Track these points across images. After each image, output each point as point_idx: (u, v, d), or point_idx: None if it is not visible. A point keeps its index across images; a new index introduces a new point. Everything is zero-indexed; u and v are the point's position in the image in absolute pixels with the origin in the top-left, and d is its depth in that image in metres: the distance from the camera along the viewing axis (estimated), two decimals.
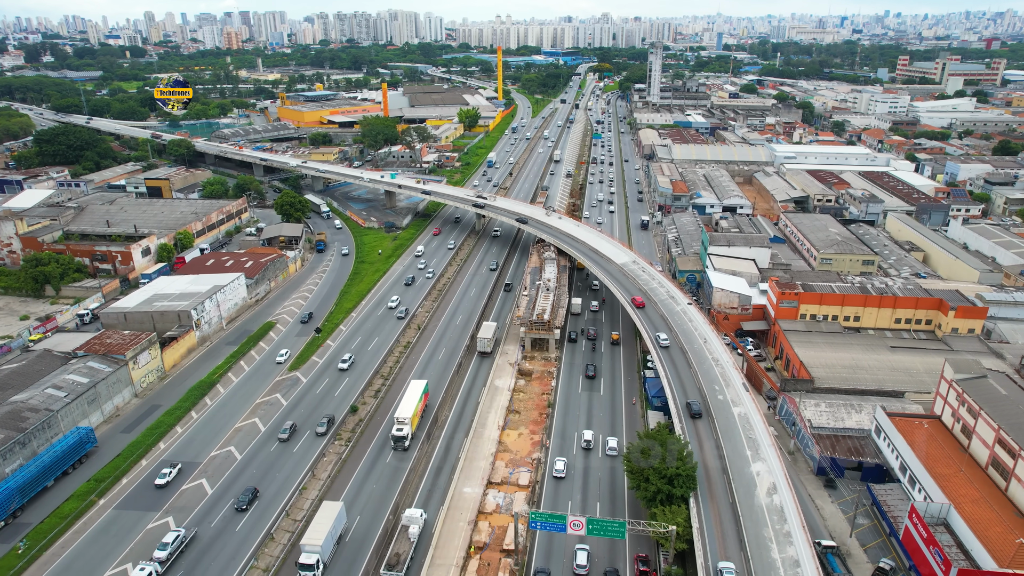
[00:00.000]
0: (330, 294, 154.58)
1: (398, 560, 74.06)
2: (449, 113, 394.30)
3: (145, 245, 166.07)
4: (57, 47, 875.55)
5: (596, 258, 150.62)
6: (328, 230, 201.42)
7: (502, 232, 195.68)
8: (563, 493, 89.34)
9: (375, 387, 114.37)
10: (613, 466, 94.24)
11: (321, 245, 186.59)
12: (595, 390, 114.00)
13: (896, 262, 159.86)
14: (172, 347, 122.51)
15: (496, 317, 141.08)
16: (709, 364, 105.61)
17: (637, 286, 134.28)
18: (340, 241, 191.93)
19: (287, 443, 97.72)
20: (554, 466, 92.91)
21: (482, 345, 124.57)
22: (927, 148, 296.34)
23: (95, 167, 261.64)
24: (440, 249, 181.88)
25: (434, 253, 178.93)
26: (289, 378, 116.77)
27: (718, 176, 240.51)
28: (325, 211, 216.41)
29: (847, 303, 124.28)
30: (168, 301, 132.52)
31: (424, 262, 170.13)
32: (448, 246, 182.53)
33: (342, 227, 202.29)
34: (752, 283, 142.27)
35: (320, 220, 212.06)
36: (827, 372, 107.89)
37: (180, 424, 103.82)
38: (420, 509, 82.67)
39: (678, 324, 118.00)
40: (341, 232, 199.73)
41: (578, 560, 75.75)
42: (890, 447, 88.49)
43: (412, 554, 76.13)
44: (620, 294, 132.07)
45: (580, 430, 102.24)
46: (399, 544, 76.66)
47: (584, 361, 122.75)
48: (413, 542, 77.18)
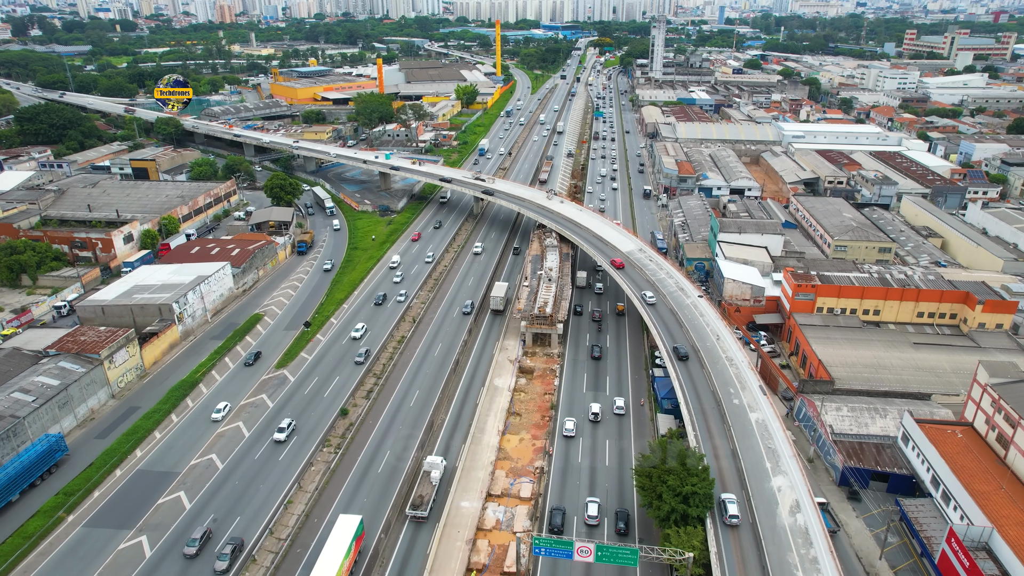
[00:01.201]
0: (321, 283, 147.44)
1: (422, 501, 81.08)
2: (446, 89, 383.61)
3: (127, 231, 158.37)
4: (45, 20, 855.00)
5: (600, 245, 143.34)
6: (325, 228, 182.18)
7: (501, 215, 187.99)
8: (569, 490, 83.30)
9: (367, 387, 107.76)
10: (621, 476, 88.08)
11: (303, 247, 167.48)
12: (600, 389, 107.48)
13: (913, 249, 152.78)
14: (153, 343, 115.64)
15: None
16: (723, 364, 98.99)
17: (644, 277, 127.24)
18: (332, 241, 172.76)
19: (274, 449, 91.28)
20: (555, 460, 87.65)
21: (495, 303, 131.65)
22: (939, 126, 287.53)
23: (79, 147, 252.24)
24: (434, 244, 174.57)
25: (412, 264, 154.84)
26: (276, 377, 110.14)
27: (725, 156, 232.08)
28: (330, 207, 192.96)
29: (867, 296, 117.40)
30: (149, 293, 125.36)
31: (400, 274, 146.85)
32: (426, 258, 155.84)
33: (340, 228, 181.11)
34: (764, 272, 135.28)
35: (314, 211, 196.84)
36: (848, 372, 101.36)
37: (159, 428, 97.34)
38: (440, 456, 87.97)
39: (689, 319, 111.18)
40: (338, 231, 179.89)
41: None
42: (919, 457, 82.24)
43: (434, 496, 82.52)
44: (628, 287, 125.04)
45: (584, 435, 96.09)
46: (422, 487, 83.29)
47: (589, 368, 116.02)
48: (435, 485, 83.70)
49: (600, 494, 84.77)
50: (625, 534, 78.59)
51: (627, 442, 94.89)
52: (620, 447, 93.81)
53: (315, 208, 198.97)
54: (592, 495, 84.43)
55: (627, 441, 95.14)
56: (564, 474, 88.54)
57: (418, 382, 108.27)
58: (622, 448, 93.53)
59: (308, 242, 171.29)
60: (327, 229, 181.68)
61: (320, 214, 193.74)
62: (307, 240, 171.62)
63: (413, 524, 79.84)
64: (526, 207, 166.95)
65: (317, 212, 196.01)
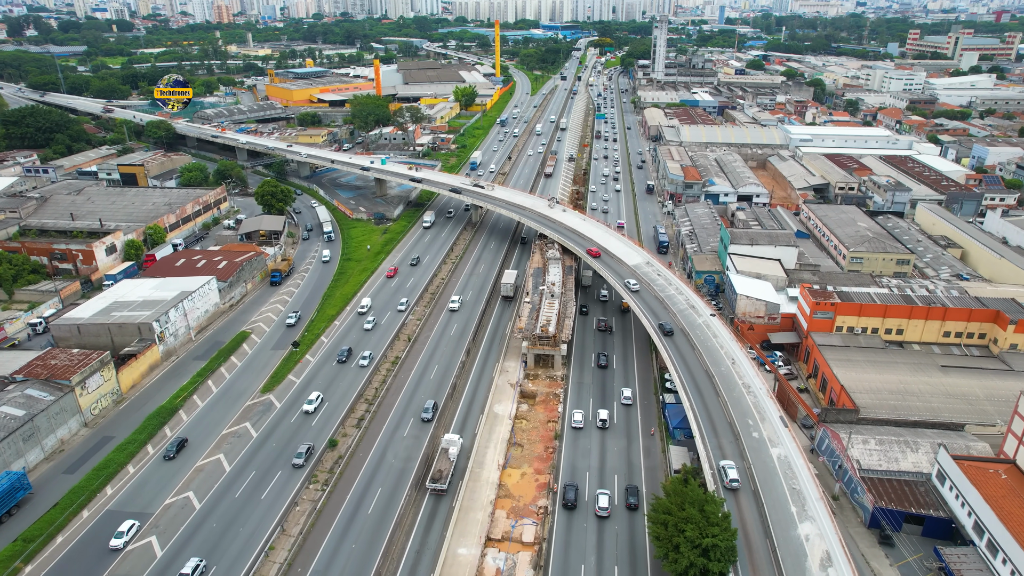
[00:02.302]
0: (312, 297, 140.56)
1: (441, 475, 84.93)
2: (445, 91, 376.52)
3: (110, 242, 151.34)
4: (41, 20, 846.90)
5: (606, 258, 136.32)
6: (312, 254, 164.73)
7: (501, 224, 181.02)
8: (575, 538, 76.47)
9: (357, 414, 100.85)
10: (632, 523, 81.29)
11: (276, 277, 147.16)
12: (609, 431, 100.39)
13: (933, 261, 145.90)
14: (131, 365, 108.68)
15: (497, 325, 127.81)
16: (739, 392, 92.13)
17: (652, 293, 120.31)
18: (316, 275, 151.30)
19: (257, 485, 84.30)
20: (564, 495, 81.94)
21: (505, 290, 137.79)
22: (949, 129, 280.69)
23: (67, 151, 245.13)
24: (427, 256, 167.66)
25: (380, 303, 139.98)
26: (261, 402, 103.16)
27: (731, 161, 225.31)
28: (328, 232, 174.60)
29: (890, 315, 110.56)
30: (128, 311, 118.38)
31: (373, 319, 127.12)
32: (401, 303, 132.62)
33: (330, 259, 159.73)
34: (779, 287, 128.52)
35: (312, 230, 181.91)
36: (873, 399, 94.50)
37: (133, 462, 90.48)
38: (457, 434, 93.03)
39: (701, 340, 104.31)
40: (327, 262, 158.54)
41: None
42: (959, 499, 75.40)
43: (452, 471, 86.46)
44: (641, 312, 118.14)
45: (590, 463, 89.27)
46: (440, 463, 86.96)
47: (595, 390, 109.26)
48: (453, 461, 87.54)
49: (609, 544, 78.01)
50: (635, 508, 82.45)
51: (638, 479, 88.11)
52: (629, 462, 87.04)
53: (314, 227, 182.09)
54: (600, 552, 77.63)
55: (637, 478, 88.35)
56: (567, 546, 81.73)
57: (413, 408, 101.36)
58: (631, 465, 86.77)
59: (284, 271, 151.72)
60: (314, 257, 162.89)
61: (316, 227, 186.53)
62: (283, 269, 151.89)
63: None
64: (527, 216, 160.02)
65: (315, 226, 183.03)
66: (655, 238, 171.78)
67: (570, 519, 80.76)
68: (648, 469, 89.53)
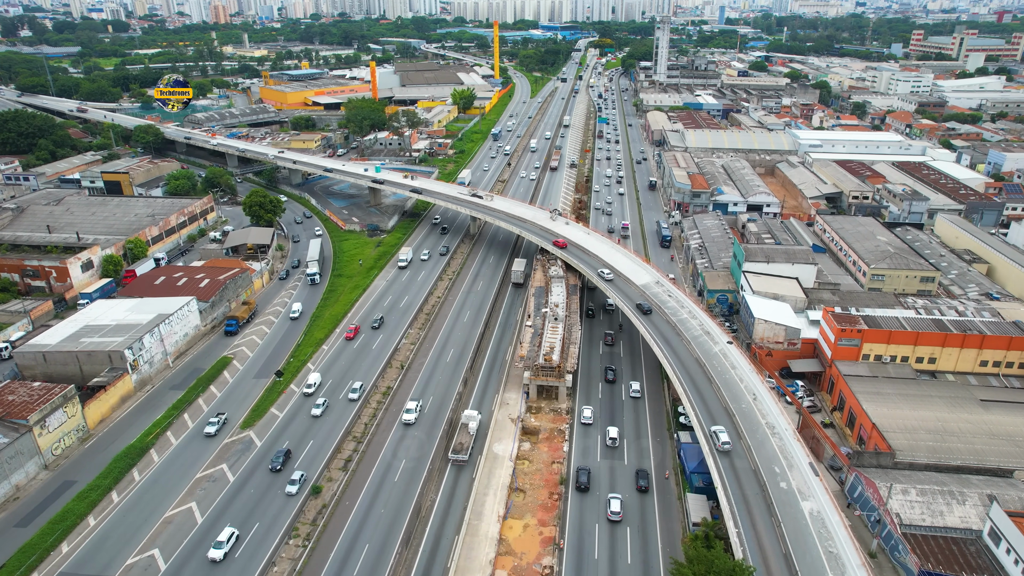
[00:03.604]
0: (300, 318, 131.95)
1: (462, 447, 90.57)
2: (442, 93, 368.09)
3: (86, 258, 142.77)
4: (36, 20, 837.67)
5: (612, 276, 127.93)
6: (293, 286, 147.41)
7: (500, 236, 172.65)
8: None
9: (345, 454, 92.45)
10: None
11: (232, 325, 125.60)
12: (618, 458, 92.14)
13: (958, 278, 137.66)
14: (100, 398, 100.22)
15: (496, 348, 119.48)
16: (763, 434, 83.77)
17: (664, 316, 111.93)
18: (278, 335, 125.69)
19: (228, 548, 75.77)
20: None
21: (516, 277, 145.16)
22: (962, 134, 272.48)
23: (51, 157, 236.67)
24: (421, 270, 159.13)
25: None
26: (240, 440, 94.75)
27: (739, 168, 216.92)
28: (312, 275, 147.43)
29: (922, 342, 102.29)
30: (99, 336, 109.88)
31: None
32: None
33: (300, 314, 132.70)
34: (797, 308, 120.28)
35: (297, 266, 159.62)
36: (908, 439, 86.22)
37: (95, 512, 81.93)
38: (475, 410, 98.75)
39: (719, 372, 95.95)
40: (296, 318, 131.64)
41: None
42: (1018, 564, 67.09)
43: (472, 443, 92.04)
44: (653, 339, 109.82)
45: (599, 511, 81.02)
46: (461, 436, 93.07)
47: (604, 419, 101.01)
48: (472, 435, 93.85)
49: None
50: (646, 491, 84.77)
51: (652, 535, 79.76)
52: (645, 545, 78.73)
53: (301, 262, 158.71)
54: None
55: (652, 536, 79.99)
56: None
57: (404, 448, 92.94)
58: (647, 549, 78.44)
59: (241, 318, 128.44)
60: (288, 298, 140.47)
61: (303, 234, 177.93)
62: (240, 316, 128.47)
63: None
64: (528, 229, 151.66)
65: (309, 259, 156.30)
66: (657, 232, 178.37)
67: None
68: (664, 520, 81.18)
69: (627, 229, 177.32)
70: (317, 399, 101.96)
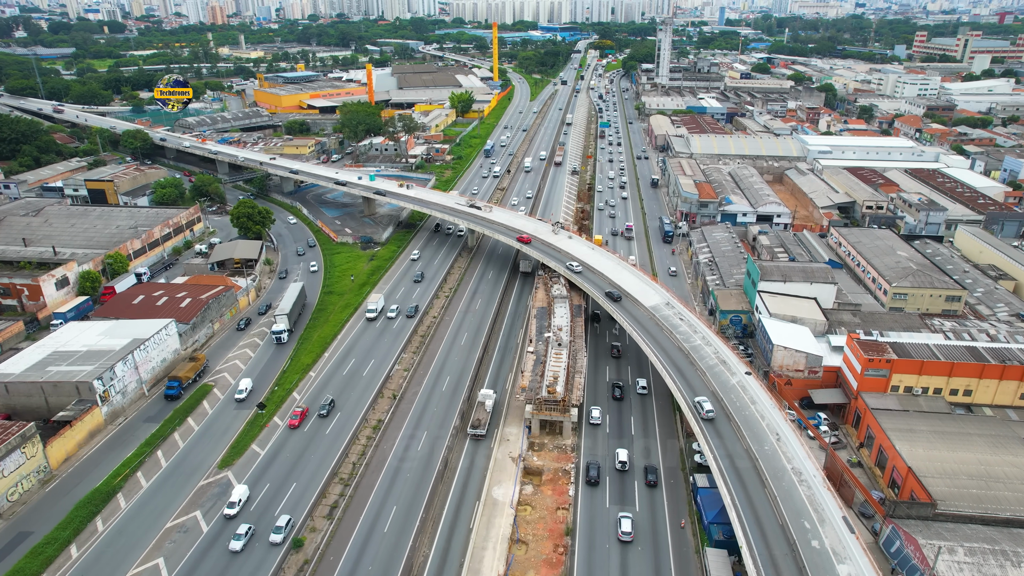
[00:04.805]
0: (246, 400, 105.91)
1: (480, 423, 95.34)
2: (440, 96, 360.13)
3: (61, 274, 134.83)
4: (31, 21, 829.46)
5: (617, 295, 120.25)
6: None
7: (500, 249, 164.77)
8: None
9: (330, 499, 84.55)
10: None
11: (174, 388, 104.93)
12: (628, 502, 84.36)
13: (985, 296, 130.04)
14: (64, 434, 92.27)
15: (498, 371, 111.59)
16: (790, 481, 75.95)
17: (675, 343, 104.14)
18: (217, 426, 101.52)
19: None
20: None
21: (524, 266, 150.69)
22: (975, 139, 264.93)
23: (34, 163, 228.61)
24: None
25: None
26: (217, 482, 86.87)
27: (747, 176, 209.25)
28: (278, 334, 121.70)
29: (957, 373, 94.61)
30: (68, 364, 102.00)
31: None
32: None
33: (285, 341, 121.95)
34: (817, 332, 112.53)
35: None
36: (949, 486, 78.45)
37: (50, 571, 73.95)
38: (491, 390, 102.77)
39: (738, 408, 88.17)
40: (242, 402, 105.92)
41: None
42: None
43: (489, 419, 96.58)
44: (665, 370, 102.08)
45: (610, 568, 73.19)
46: (478, 413, 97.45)
47: (611, 449, 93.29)
48: (488, 411, 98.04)
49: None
50: (655, 485, 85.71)
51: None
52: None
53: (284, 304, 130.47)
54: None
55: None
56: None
57: (396, 493, 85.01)
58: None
59: (186, 379, 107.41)
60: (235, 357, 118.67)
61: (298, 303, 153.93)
62: (184, 377, 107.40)
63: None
64: (528, 244, 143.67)
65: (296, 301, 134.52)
66: (660, 228, 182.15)
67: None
68: None
69: (631, 231, 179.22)
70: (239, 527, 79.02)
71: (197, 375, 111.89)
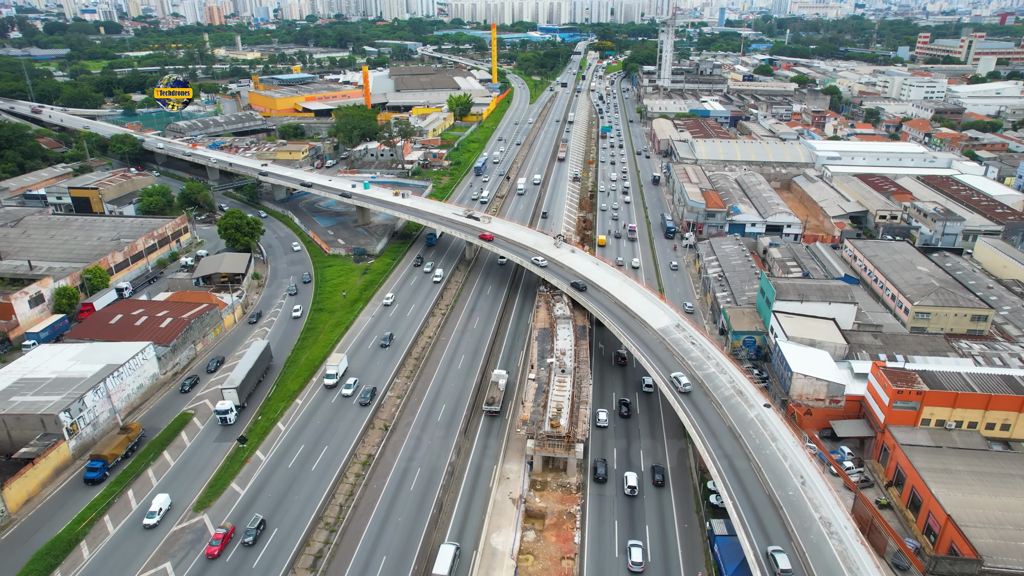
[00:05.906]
0: (274, 361, 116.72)
1: (494, 400, 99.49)
2: (438, 99, 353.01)
3: (35, 291, 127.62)
4: (26, 22, 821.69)
5: (624, 316, 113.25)
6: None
7: (500, 262, 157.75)
8: None
9: (315, 547, 77.34)
10: None
11: (97, 471, 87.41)
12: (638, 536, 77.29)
13: (1012, 316, 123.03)
14: (25, 474, 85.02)
15: None
16: (819, 533, 68.89)
17: (688, 371, 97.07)
18: None
19: None
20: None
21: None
22: (987, 144, 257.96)
23: (18, 169, 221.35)
24: None
25: None
26: (192, 527, 79.65)
27: (755, 183, 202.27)
28: (223, 415, 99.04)
29: (994, 406, 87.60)
30: (34, 394, 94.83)
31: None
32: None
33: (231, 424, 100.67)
34: (837, 356, 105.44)
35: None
36: (995, 538, 71.39)
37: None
38: (504, 371, 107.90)
39: (757, 447, 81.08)
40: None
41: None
42: None
43: (502, 398, 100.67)
44: (682, 409, 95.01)
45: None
46: (492, 392, 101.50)
47: (617, 507, 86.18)
48: (502, 390, 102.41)
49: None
50: (662, 485, 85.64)
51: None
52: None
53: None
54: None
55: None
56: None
57: (386, 541, 77.83)
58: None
59: (112, 458, 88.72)
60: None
61: None
62: (110, 456, 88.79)
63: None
64: (528, 258, 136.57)
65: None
66: (662, 225, 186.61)
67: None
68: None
69: (634, 232, 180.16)
70: None
71: (130, 449, 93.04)
